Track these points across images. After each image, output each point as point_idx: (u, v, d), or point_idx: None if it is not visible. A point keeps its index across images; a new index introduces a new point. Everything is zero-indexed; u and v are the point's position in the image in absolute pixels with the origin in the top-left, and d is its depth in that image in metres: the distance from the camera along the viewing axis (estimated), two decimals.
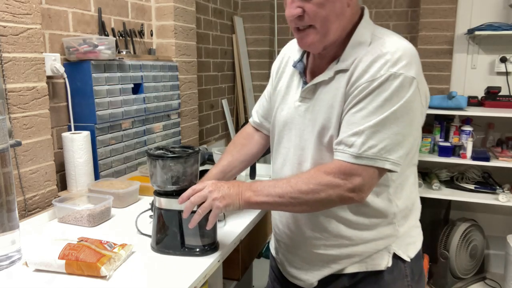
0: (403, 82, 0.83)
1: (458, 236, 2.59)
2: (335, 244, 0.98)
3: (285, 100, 1.04)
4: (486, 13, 2.69)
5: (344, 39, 0.92)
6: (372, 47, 0.88)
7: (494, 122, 2.71)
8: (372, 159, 0.84)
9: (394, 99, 0.83)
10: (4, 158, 0.95)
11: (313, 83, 0.96)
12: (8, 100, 1.23)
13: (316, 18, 0.87)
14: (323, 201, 0.88)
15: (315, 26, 0.88)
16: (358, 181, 0.85)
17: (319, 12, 0.86)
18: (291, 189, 0.88)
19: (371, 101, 0.84)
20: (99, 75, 1.56)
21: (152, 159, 0.99)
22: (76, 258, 0.92)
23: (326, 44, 0.91)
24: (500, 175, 2.68)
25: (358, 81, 0.86)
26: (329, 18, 0.87)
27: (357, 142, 0.84)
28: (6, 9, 1.21)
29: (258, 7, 3.36)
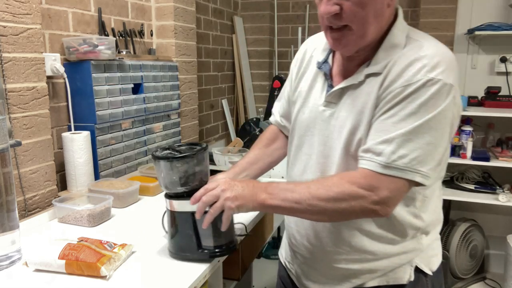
0: (441, 89, 0.77)
1: (458, 236, 2.59)
2: (357, 259, 0.93)
3: (307, 103, 0.98)
4: (486, 13, 2.69)
5: (377, 41, 0.86)
6: (408, 50, 0.83)
7: (494, 122, 2.71)
8: (401, 170, 0.78)
9: (430, 106, 0.77)
10: (4, 158, 0.95)
11: (340, 87, 0.89)
12: (8, 100, 1.23)
13: (354, 18, 0.80)
14: (344, 212, 0.82)
15: (351, 26, 0.82)
16: (385, 194, 0.79)
17: (359, 12, 0.79)
18: (309, 195, 0.83)
19: (404, 107, 0.79)
20: (99, 75, 1.56)
21: (158, 161, 0.93)
22: (76, 258, 0.92)
23: (360, 46, 0.85)
24: (500, 175, 2.68)
25: (391, 85, 0.81)
26: (367, 19, 0.81)
27: (386, 151, 0.79)
28: (6, 9, 1.21)
29: (258, 7, 3.36)
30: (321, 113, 0.94)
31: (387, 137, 0.79)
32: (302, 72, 1.03)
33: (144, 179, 1.55)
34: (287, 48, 3.43)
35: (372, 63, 0.85)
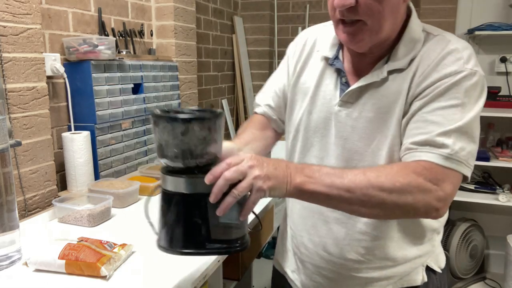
0: (479, 80, 0.76)
1: (458, 236, 2.59)
2: (378, 267, 0.89)
3: (315, 102, 0.91)
4: (486, 13, 2.69)
5: (393, 37, 0.82)
6: (434, 44, 0.80)
7: (494, 122, 2.71)
8: (461, 164, 0.74)
9: (475, 98, 0.75)
10: (4, 158, 0.95)
11: (359, 85, 0.83)
12: (8, 100, 1.23)
13: (370, 12, 0.75)
14: (405, 207, 0.72)
15: (366, 21, 0.76)
16: (449, 189, 0.73)
17: (375, 6, 0.74)
18: (368, 183, 0.70)
19: (450, 98, 0.75)
20: (99, 75, 1.56)
21: (169, 121, 0.69)
22: (76, 258, 0.92)
23: (375, 42, 0.80)
24: (500, 175, 2.68)
25: (427, 79, 0.77)
26: (384, 14, 0.76)
27: (447, 142, 0.73)
28: (6, 9, 1.21)
29: (258, 7, 3.36)
30: (336, 114, 0.87)
31: (444, 129, 0.73)
32: (301, 66, 0.96)
33: (144, 179, 1.55)
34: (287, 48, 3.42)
35: (392, 59, 0.81)
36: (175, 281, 0.91)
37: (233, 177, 0.68)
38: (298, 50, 0.98)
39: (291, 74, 0.98)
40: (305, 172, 0.72)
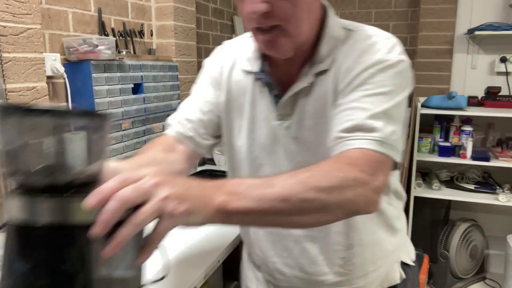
0: (406, 69, 0.74)
1: (458, 236, 2.59)
2: (362, 275, 0.87)
3: (254, 120, 0.85)
4: (486, 13, 2.69)
5: (314, 36, 0.79)
6: (355, 39, 0.77)
7: (494, 122, 2.71)
8: (393, 148, 0.68)
9: (402, 86, 0.73)
10: None
11: (290, 95, 0.79)
12: (8, 100, 1.23)
13: (286, 16, 0.71)
14: (347, 205, 0.63)
15: (283, 26, 0.72)
16: (384, 178, 0.67)
17: (290, 9, 0.70)
18: (302, 186, 0.59)
19: (375, 86, 0.71)
20: (99, 75, 1.56)
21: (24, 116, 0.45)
22: None
23: (297, 46, 0.76)
24: (500, 175, 2.68)
25: (351, 72, 0.74)
26: (300, 16, 0.72)
27: (377, 125, 0.68)
28: (6, 9, 1.21)
29: None
30: (277, 128, 0.82)
31: (371, 112, 0.68)
32: (227, 83, 0.89)
33: None
34: None
35: (316, 61, 0.78)
36: (174, 281, 0.91)
37: (131, 198, 0.47)
38: (218, 67, 0.90)
39: (218, 92, 0.90)
40: (225, 189, 0.56)
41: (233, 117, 0.89)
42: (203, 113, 0.90)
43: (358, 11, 3.17)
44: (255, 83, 0.85)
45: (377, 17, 3.13)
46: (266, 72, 0.83)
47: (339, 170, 0.63)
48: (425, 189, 2.63)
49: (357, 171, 0.63)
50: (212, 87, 0.91)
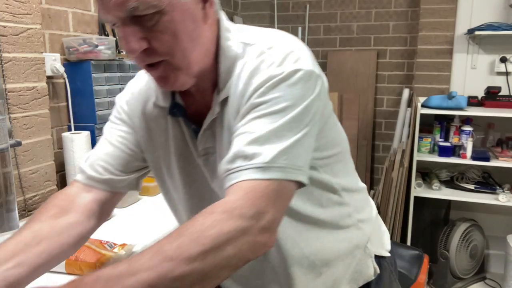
0: (304, 76, 0.66)
1: (458, 236, 2.59)
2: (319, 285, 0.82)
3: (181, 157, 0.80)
4: (486, 13, 2.69)
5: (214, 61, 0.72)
6: (249, 57, 0.69)
7: (494, 122, 2.71)
8: (285, 170, 0.61)
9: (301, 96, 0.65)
10: (4, 158, 0.95)
11: (204, 128, 0.74)
12: (8, 100, 1.23)
13: (168, 50, 0.64)
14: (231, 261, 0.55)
15: (168, 60, 0.66)
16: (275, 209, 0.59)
17: (170, 42, 0.64)
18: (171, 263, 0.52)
19: (269, 105, 0.64)
20: (99, 75, 1.56)
21: None
22: (76, 258, 0.92)
23: (193, 77, 0.70)
24: (500, 175, 2.68)
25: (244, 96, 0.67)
26: (185, 47, 0.65)
27: (259, 150, 0.61)
28: (6, 9, 1.21)
29: (258, 7, 3.36)
30: (205, 163, 0.77)
31: (256, 135, 0.62)
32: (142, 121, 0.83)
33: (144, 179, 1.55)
34: None
35: (220, 87, 0.71)
36: None
37: None
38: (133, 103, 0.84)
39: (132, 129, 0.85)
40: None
41: (159, 155, 0.83)
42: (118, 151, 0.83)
43: (358, 11, 3.17)
44: (170, 119, 0.79)
45: (377, 17, 3.13)
46: (180, 105, 0.77)
47: (213, 226, 0.55)
48: (425, 189, 2.63)
49: (235, 219, 0.56)
50: (124, 124, 0.85)
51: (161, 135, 0.81)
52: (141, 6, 0.60)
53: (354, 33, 3.21)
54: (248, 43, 0.71)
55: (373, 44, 3.17)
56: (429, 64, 2.80)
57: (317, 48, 3.33)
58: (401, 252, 1.10)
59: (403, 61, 3.11)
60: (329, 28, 3.28)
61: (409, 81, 3.08)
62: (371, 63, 3.15)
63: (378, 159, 3.29)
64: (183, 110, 0.77)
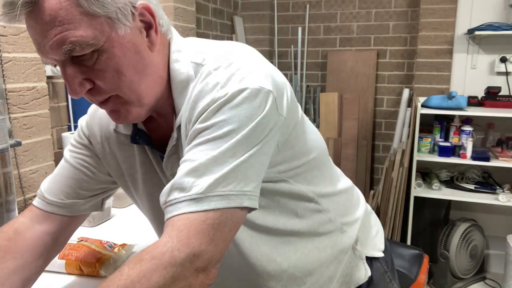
0: (251, 95, 0.60)
1: (458, 236, 2.59)
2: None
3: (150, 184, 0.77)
4: (486, 13, 2.69)
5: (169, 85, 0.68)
6: (196, 81, 0.66)
7: (494, 122, 2.71)
8: (225, 197, 0.57)
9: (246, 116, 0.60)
10: (4, 158, 0.95)
11: (167, 155, 0.71)
12: (8, 100, 1.23)
13: (114, 86, 0.62)
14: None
15: (116, 95, 0.63)
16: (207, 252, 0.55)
17: (114, 78, 0.61)
18: None
19: (209, 132, 0.60)
20: None
21: None
22: (76, 258, 0.92)
23: (147, 108, 0.67)
24: (500, 175, 2.68)
25: (188, 126, 0.64)
26: (131, 80, 0.62)
27: (198, 181, 0.57)
28: None
29: (258, 7, 3.36)
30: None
31: (195, 164, 0.58)
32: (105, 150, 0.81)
33: None
34: (287, 48, 3.43)
35: (176, 113, 0.68)
36: None
37: None
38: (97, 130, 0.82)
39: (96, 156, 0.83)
40: None
41: (126, 180, 0.82)
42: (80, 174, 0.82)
43: (358, 11, 3.17)
44: (135, 147, 0.76)
45: (377, 17, 3.13)
46: (143, 131, 0.73)
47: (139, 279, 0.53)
48: (425, 189, 2.63)
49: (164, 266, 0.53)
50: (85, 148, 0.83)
51: (125, 161, 0.79)
52: (77, 47, 0.57)
53: (354, 33, 3.21)
54: (199, 63, 0.67)
55: (373, 44, 3.17)
56: (429, 64, 2.80)
57: (317, 48, 3.33)
58: (401, 252, 1.09)
59: (403, 61, 3.11)
60: (329, 28, 3.28)
61: (409, 81, 3.08)
62: (371, 63, 3.15)
63: (378, 159, 3.29)
64: (147, 136, 0.73)
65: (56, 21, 0.56)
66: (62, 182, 0.81)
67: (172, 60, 0.68)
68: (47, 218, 0.79)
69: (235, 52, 0.67)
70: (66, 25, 0.56)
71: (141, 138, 0.73)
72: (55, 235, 0.80)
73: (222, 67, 0.64)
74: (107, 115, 0.75)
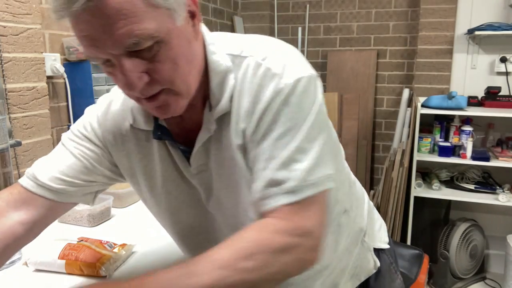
0: (306, 84, 0.65)
1: (458, 236, 2.59)
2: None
3: (168, 179, 0.76)
4: (486, 13, 2.69)
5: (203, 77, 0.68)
6: (246, 70, 0.66)
7: (494, 122, 2.71)
8: (317, 185, 0.63)
9: (309, 104, 0.65)
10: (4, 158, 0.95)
11: (198, 146, 0.70)
12: (8, 100, 1.23)
13: (170, 78, 0.61)
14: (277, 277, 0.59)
15: (169, 88, 0.63)
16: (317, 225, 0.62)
17: (172, 69, 0.61)
18: (224, 272, 0.56)
19: (284, 122, 0.63)
20: (99, 75, 1.56)
21: None
22: (76, 258, 0.92)
23: (190, 98, 0.67)
24: (500, 175, 2.68)
25: (254, 114, 0.65)
26: (185, 71, 0.62)
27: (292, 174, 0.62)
28: (6, 9, 1.21)
29: (258, 7, 3.36)
30: (195, 180, 0.75)
31: (281, 161, 0.62)
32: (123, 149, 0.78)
33: None
34: None
35: (213, 104, 0.68)
36: None
37: None
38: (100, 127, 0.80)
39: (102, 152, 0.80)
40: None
41: (139, 180, 0.80)
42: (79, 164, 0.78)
43: (358, 11, 3.17)
44: (155, 142, 0.75)
45: (377, 17, 3.13)
46: (163, 127, 0.73)
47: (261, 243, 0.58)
48: (425, 189, 2.63)
49: (286, 236, 0.59)
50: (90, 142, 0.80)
51: (143, 158, 0.77)
52: (141, 41, 0.56)
53: (354, 33, 3.21)
54: (235, 55, 0.68)
55: (373, 44, 3.17)
56: (429, 64, 2.80)
57: (317, 48, 3.33)
58: (401, 251, 1.10)
59: (403, 61, 3.11)
60: (329, 28, 3.28)
61: (409, 81, 3.08)
62: (371, 63, 3.15)
63: (378, 159, 3.29)
64: (167, 131, 0.73)
65: (120, 14, 0.54)
66: (58, 167, 0.77)
67: (210, 51, 0.68)
68: (29, 202, 0.75)
69: (267, 42, 0.69)
70: (131, 18, 0.54)
71: (163, 133, 0.73)
72: (29, 225, 0.75)
73: (269, 57, 0.65)
74: (120, 112, 0.76)
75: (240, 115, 0.66)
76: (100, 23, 0.54)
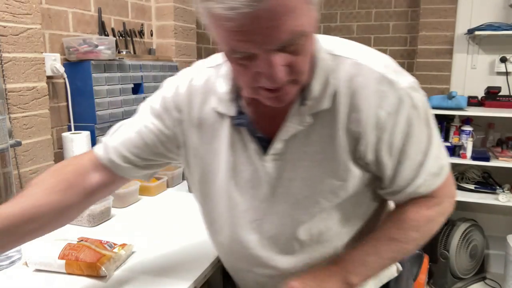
0: (417, 86, 0.71)
1: (458, 236, 2.59)
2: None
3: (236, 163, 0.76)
4: (486, 13, 2.69)
5: None
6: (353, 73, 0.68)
7: (494, 122, 2.71)
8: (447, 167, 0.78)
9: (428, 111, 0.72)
10: (4, 158, 0.95)
11: (284, 138, 0.71)
12: (8, 100, 1.23)
13: (303, 70, 0.63)
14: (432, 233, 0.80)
15: (297, 79, 0.64)
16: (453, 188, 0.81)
17: (305, 61, 0.63)
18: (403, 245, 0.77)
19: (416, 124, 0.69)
20: (99, 75, 1.56)
21: None
22: (76, 258, 0.92)
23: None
24: (500, 175, 2.68)
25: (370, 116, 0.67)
26: (307, 61, 0.64)
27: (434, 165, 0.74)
28: (6, 9, 1.21)
29: None
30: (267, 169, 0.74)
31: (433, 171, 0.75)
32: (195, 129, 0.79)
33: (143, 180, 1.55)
34: None
35: (309, 99, 0.69)
36: (175, 281, 0.91)
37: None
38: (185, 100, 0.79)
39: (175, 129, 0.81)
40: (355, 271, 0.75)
41: (207, 163, 0.80)
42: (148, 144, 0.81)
43: (358, 11, 3.17)
44: (233, 127, 0.75)
45: (377, 17, 3.13)
46: (244, 114, 0.74)
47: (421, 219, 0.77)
48: None
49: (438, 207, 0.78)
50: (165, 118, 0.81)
51: (212, 141, 0.78)
52: (295, 38, 0.57)
53: (354, 33, 3.21)
54: (336, 55, 0.69)
55: (373, 44, 3.17)
56: (429, 64, 2.80)
57: None
58: None
59: (403, 61, 3.11)
60: (329, 28, 3.28)
61: None
62: None
63: None
64: (248, 119, 0.74)
65: (285, 10, 0.54)
66: (127, 144, 0.82)
67: (317, 47, 0.69)
68: (101, 170, 0.82)
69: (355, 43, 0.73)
70: (292, 14, 0.55)
71: (244, 120, 0.74)
72: (103, 187, 0.83)
73: (372, 61, 0.69)
74: (205, 91, 0.77)
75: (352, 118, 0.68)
76: (266, 19, 0.54)
